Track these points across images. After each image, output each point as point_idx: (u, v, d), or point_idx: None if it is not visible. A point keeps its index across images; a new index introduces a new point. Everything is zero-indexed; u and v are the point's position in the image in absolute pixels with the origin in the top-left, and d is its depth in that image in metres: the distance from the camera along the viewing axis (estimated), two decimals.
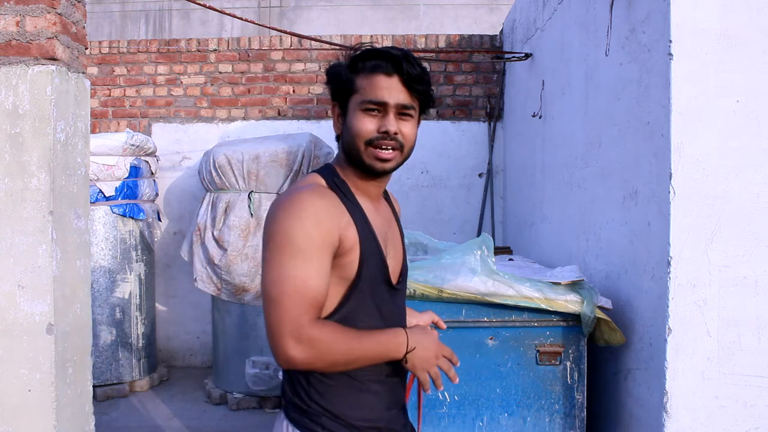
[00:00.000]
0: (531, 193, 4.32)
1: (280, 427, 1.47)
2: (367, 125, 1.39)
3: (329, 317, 1.40)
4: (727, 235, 2.18)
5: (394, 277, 1.51)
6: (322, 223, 1.34)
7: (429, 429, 2.55)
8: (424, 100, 1.46)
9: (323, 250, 1.33)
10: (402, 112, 1.41)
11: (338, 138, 1.49)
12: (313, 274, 1.32)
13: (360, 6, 7.81)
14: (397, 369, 1.49)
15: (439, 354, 1.41)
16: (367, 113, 1.40)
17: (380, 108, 1.40)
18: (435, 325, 1.76)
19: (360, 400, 1.44)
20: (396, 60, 1.39)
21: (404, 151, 1.44)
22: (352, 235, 1.38)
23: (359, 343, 1.35)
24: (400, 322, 1.54)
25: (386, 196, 1.64)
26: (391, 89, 1.39)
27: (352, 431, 1.42)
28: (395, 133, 1.40)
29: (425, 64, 1.65)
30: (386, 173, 1.46)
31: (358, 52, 1.45)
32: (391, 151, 1.41)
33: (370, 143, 1.40)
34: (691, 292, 2.19)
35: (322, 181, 1.44)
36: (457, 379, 1.43)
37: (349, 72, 1.44)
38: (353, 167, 1.45)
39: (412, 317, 1.70)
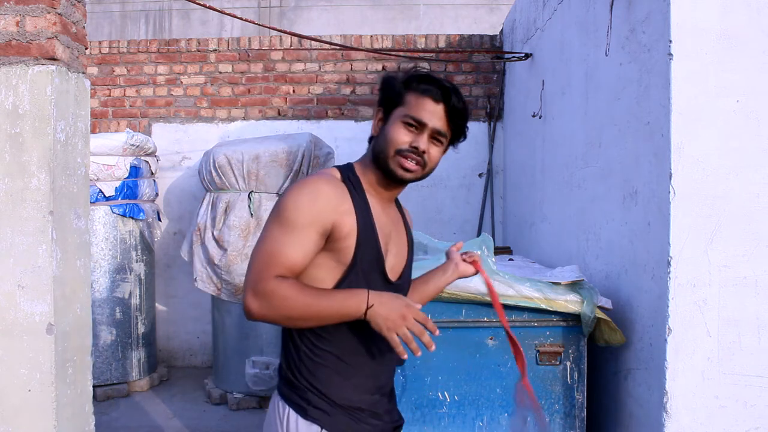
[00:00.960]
0: (531, 193, 4.32)
1: (274, 401, 1.60)
2: (402, 136, 1.54)
3: None
4: (727, 235, 2.18)
5: (392, 274, 1.60)
6: (316, 203, 1.46)
7: (429, 429, 2.55)
8: (457, 133, 1.61)
9: (310, 227, 1.45)
10: (435, 136, 1.55)
11: (371, 139, 1.63)
12: (290, 243, 1.44)
13: (360, 6, 7.80)
14: (383, 355, 1.58)
15: (407, 315, 1.42)
16: (406, 126, 1.54)
17: (419, 126, 1.54)
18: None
19: (344, 381, 1.55)
20: (446, 91, 1.54)
21: (425, 169, 1.57)
22: (349, 222, 1.49)
23: (316, 300, 1.44)
24: None
25: (399, 207, 1.75)
26: (434, 113, 1.53)
27: (335, 408, 1.53)
28: (423, 152, 1.54)
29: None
30: (405, 182, 1.59)
31: (416, 73, 1.58)
32: (415, 164, 1.55)
33: (400, 152, 1.53)
34: (691, 292, 2.19)
35: (338, 174, 1.58)
36: (433, 346, 1.44)
37: (403, 86, 1.57)
38: (376, 169, 1.59)
39: (444, 266, 1.83)
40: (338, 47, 5.07)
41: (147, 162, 4.88)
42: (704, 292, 2.19)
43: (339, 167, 1.62)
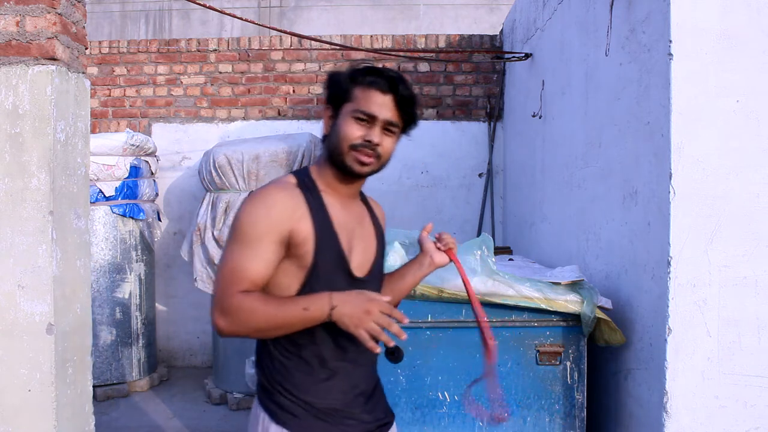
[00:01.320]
0: (531, 193, 4.32)
1: (254, 405, 1.64)
2: (355, 131, 1.53)
3: None
4: (727, 235, 2.18)
5: (359, 270, 1.60)
6: (270, 213, 1.48)
7: (429, 429, 2.55)
8: (409, 121, 1.60)
9: (266, 238, 1.47)
10: (387, 127, 1.55)
11: (324, 139, 1.62)
12: (250, 257, 1.47)
13: (360, 6, 7.80)
14: (357, 357, 1.58)
15: (372, 309, 1.42)
16: (356, 121, 1.54)
17: (370, 119, 1.53)
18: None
19: (316, 384, 1.55)
20: (393, 80, 1.53)
21: (381, 161, 1.57)
22: (305, 227, 1.51)
23: (281, 310, 1.45)
24: None
25: (366, 201, 1.75)
26: (383, 105, 1.53)
27: (307, 409, 1.54)
28: (377, 144, 1.53)
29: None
30: (362, 176, 1.59)
31: (360, 66, 1.58)
32: (371, 158, 1.54)
33: (354, 148, 1.53)
34: (691, 292, 2.19)
35: (293, 180, 1.59)
36: (404, 335, 1.44)
37: (349, 81, 1.56)
38: (332, 167, 1.59)
39: (419, 258, 1.79)
40: (338, 47, 5.07)
41: (147, 162, 4.88)
42: (704, 292, 2.19)
43: (295, 172, 1.63)
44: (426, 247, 1.78)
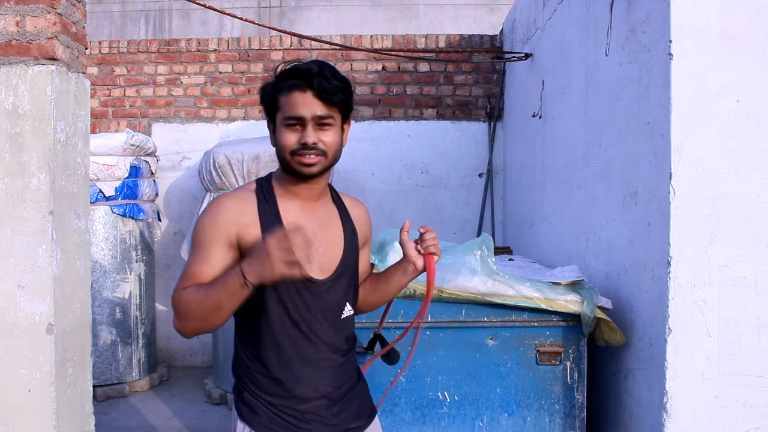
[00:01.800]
0: (531, 193, 4.32)
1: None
2: (289, 138, 1.55)
3: (247, 303, 1.52)
4: (727, 235, 2.18)
5: (318, 273, 1.60)
6: (216, 219, 1.54)
7: (429, 429, 2.55)
8: (344, 108, 1.59)
9: (213, 242, 1.53)
10: (320, 122, 1.54)
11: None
12: (198, 260, 1.54)
13: (360, 6, 7.80)
14: (312, 358, 1.59)
15: (271, 250, 1.37)
16: (289, 128, 1.55)
17: (299, 122, 1.54)
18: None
19: (272, 383, 1.59)
20: (308, 76, 1.52)
21: (329, 156, 1.58)
22: (253, 233, 1.54)
23: (206, 293, 1.47)
24: (322, 314, 1.61)
25: (339, 201, 1.74)
26: (305, 104, 1.53)
27: (269, 409, 1.58)
28: (314, 143, 1.54)
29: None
30: (313, 176, 1.59)
31: (279, 72, 1.58)
32: (314, 157, 1.55)
33: (294, 153, 1.55)
34: (691, 292, 2.19)
35: (253, 186, 1.64)
36: (313, 262, 1.50)
37: (273, 92, 1.59)
38: (287, 174, 1.62)
39: (403, 263, 1.77)
40: (338, 47, 5.07)
41: (147, 162, 4.88)
42: (704, 292, 2.19)
43: (258, 179, 1.67)
44: (407, 252, 1.74)
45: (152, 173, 4.98)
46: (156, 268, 5.27)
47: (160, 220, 5.13)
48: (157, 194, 5.11)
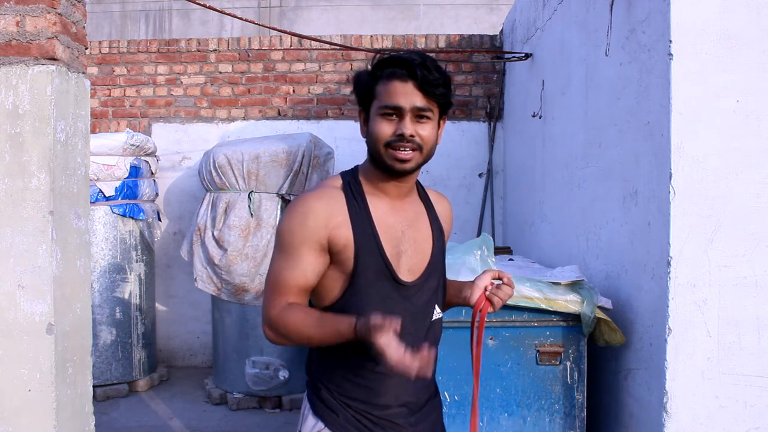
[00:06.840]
0: (531, 193, 4.32)
1: (303, 400, 1.65)
2: (384, 129, 1.47)
3: (332, 305, 1.51)
4: (727, 235, 2.18)
5: (409, 275, 1.55)
6: (306, 222, 1.47)
7: None
8: (443, 103, 1.51)
9: (304, 247, 1.48)
10: (419, 114, 1.47)
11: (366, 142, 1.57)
12: (290, 266, 1.48)
13: (360, 6, 7.80)
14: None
15: (390, 352, 1.32)
16: (385, 118, 1.47)
17: (396, 112, 1.47)
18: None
19: (352, 385, 1.54)
20: (410, 66, 1.45)
21: (423, 151, 1.50)
22: (344, 234, 1.48)
23: (314, 327, 1.46)
24: (412, 317, 1.54)
25: (426, 197, 1.67)
26: (406, 94, 1.45)
27: (344, 409, 1.54)
28: (411, 136, 1.46)
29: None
30: (406, 173, 1.52)
31: (377, 61, 1.52)
32: (409, 151, 1.47)
33: (389, 145, 1.47)
34: (691, 292, 2.19)
35: (339, 182, 1.56)
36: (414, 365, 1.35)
37: (370, 80, 1.51)
38: (376, 169, 1.53)
39: (466, 287, 1.68)
40: (338, 47, 5.07)
41: (147, 162, 4.88)
42: (704, 292, 2.19)
43: (343, 173, 1.59)
44: (477, 283, 1.66)
45: (152, 173, 4.98)
46: (156, 268, 5.27)
47: (160, 220, 5.13)
48: (157, 194, 5.11)
